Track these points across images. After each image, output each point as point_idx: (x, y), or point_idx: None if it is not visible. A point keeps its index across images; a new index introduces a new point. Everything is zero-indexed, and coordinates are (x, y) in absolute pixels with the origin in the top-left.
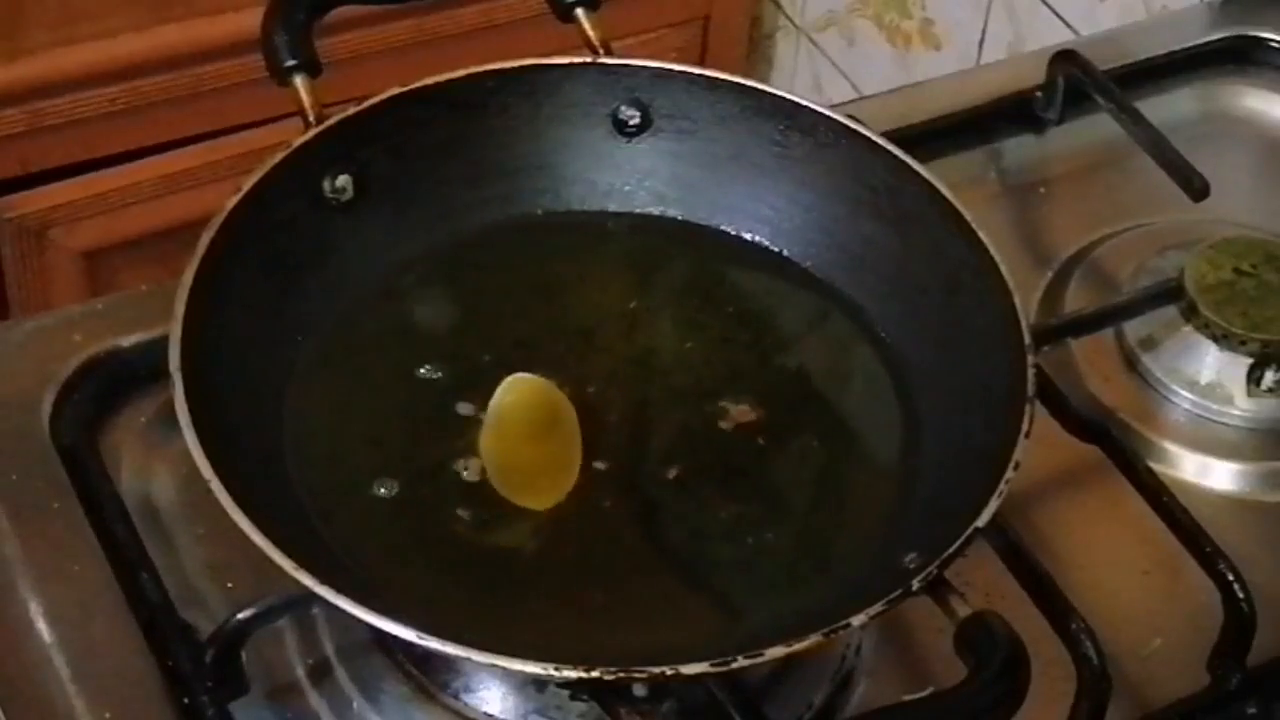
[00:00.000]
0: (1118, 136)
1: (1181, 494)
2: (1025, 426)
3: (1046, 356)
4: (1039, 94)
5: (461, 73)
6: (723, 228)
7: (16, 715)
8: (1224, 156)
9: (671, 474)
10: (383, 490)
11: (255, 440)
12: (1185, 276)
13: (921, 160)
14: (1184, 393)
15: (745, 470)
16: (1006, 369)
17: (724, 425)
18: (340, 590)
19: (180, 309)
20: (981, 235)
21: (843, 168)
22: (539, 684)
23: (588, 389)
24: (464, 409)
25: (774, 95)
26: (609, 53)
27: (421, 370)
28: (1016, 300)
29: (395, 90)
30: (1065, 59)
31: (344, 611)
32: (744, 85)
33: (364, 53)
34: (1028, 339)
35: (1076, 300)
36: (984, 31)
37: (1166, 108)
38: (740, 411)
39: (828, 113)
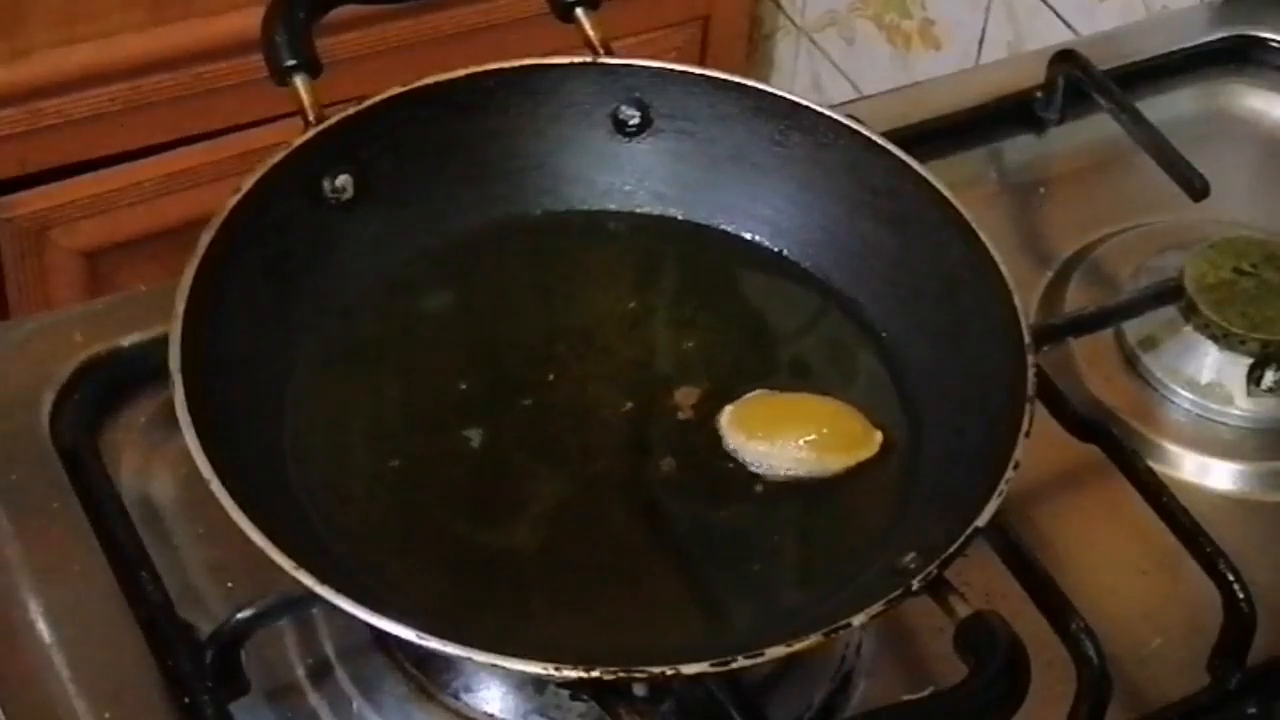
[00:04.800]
0: (1118, 136)
1: (1181, 494)
2: (1025, 426)
3: (1046, 356)
4: (1039, 94)
5: (461, 73)
6: (723, 228)
7: (16, 715)
8: (1224, 156)
9: (671, 474)
10: (383, 490)
11: (255, 440)
12: (1185, 276)
13: (921, 160)
14: (1184, 393)
15: (745, 469)
16: (1006, 369)
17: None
18: (340, 590)
19: (180, 309)
20: (981, 235)
21: (842, 168)
22: (539, 684)
23: (587, 388)
24: (464, 408)
25: (774, 95)
26: (609, 53)
27: (422, 370)
28: (1016, 300)
29: (395, 90)
30: (1065, 59)
31: (344, 611)
32: (744, 85)
33: (364, 53)
34: (1028, 339)
35: (1076, 300)
36: (984, 31)
37: (1166, 108)
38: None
39: (828, 112)
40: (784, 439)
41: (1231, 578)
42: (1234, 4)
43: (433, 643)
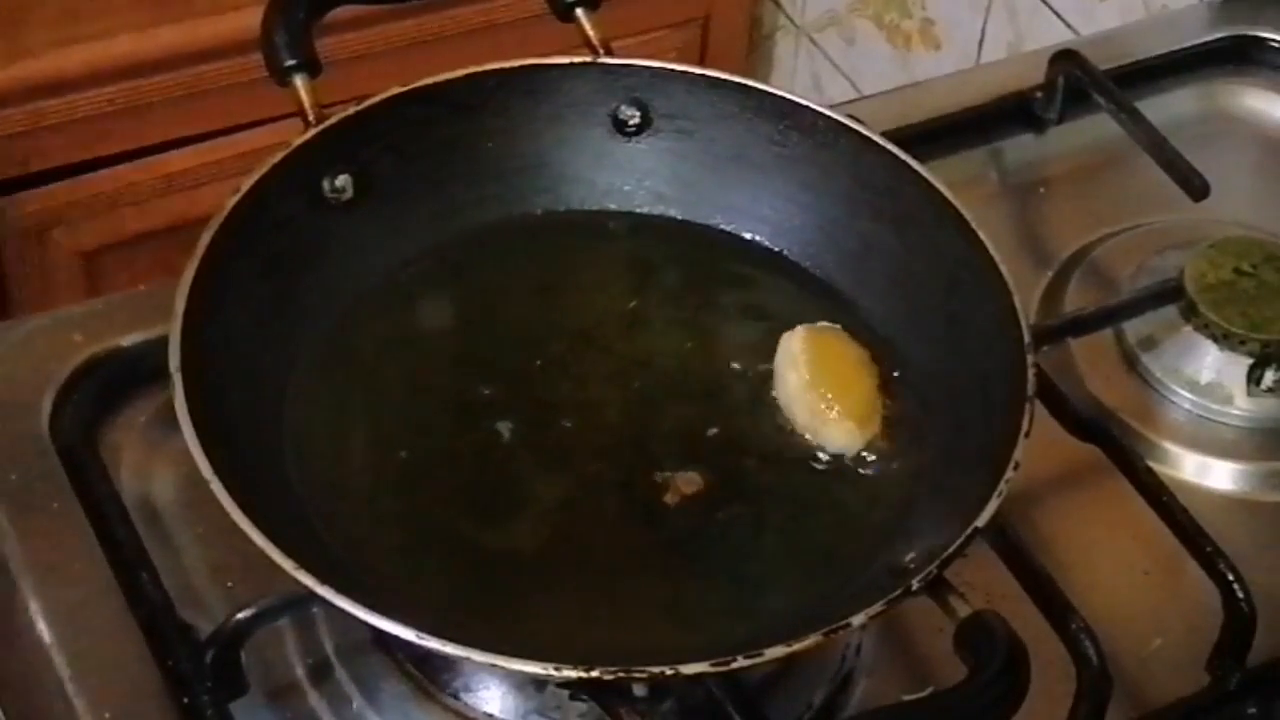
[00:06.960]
0: (1118, 136)
1: (1181, 494)
2: (1025, 426)
3: (1046, 356)
4: (1039, 94)
5: (461, 73)
6: (723, 228)
7: (16, 715)
8: (1224, 156)
9: (671, 474)
10: (383, 489)
11: (255, 440)
12: (1185, 276)
13: (921, 160)
14: (1184, 393)
15: (745, 469)
16: (1006, 369)
17: (723, 424)
18: (340, 590)
19: (180, 309)
20: (981, 235)
21: (842, 168)
22: (539, 684)
23: (588, 389)
24: (463, 408)
25: (773, 95)
26: (609, 53)
27: (421, 370)
28: (1016, 300)
29: (395, 90)
30: (1065, 59)
31: (344, 611)
32: (744, 85)
33: (364, 53)
34: (1027, 339)
35: (1076, 300)
36: (984, 31)
37: (1166, 108)
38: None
39: (827, 112)
40: (808, 385)
41: (1231, 578)
42: (1234, 4)
43: (433, 643)
